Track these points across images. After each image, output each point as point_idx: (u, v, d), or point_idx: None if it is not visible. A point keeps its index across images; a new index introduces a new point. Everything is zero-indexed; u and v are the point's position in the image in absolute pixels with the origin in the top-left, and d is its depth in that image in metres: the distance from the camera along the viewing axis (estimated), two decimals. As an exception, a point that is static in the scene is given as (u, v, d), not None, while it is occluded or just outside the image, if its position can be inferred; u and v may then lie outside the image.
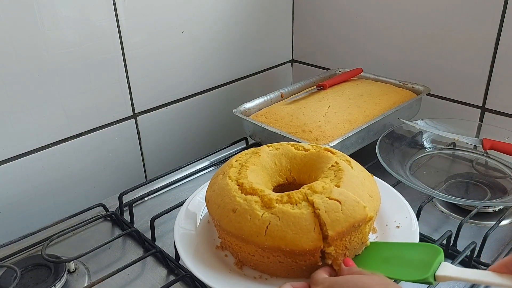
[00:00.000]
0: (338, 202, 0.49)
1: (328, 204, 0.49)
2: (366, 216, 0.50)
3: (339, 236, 0.49)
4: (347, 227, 0.49)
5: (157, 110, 0.91)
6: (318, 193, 0.50)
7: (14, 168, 0.74)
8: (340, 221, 0.49)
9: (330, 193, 0.50)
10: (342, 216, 0.49)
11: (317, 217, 0.49)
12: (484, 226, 0.68)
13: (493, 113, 0.87)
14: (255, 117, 0.84)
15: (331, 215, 0.48)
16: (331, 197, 0.50)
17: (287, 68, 1.16)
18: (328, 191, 0.50)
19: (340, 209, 0.49)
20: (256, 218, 0.50)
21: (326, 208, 0.49)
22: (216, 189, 0.56)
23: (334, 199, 0.50)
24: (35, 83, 0.72)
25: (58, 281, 0.58)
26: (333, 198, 0.50)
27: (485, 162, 0.82)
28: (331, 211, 0.49)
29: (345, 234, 0.49)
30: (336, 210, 0.49)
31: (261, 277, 0.53)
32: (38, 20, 0.70)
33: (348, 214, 0.49)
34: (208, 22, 0.93)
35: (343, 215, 0.49)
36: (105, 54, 0.79)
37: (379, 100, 0.85)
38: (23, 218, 0.78)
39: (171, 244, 0.65)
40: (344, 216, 0.49)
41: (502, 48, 0.82)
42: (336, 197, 0.50)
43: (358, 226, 0.50)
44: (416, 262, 0.48)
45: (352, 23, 1.02)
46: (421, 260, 0.48)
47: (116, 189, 0.87)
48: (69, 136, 0.80)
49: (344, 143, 0.74)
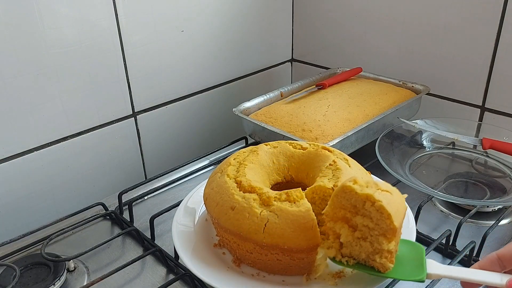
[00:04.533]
0: (390, 193, 0.46)
1: (385, 195, 0.45)
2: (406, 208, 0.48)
3: (399, 229, 0.46)
4: (403, 219, 0.46)
5: (156, 109, 0.91)
6: (361, 185, 0.47)
7: (14, 167, 0.74)
8: (399, 212, 0.46)
9: (378, 185, 0.46)
10: (397, 207, 0.46)
11: (379, 210, 0.45)
12: (483, 225, 0.68)
13: (493, 112, 0.87)
14: (255, 116, 0.84)
15: (392, 207, 0.45)
16: (382, 188, 0.46)
17: (286, 67, 1.16)
18: (371, 183, 0.47)
19: (394, 200, 0.46)
20: (255, 215, 0.50)
21: (386, 200, 0.45)
22: (215, 187, 0.56)
23: (385, 190, 0.46)
24: (35, 82, 0.73)
25: (58, 280, 0.58)
26: (384, 190, 0.46)
27: (485, 161, 0.82)
28: (391, 203, 0.45)
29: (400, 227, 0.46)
30: (392, 202, 0.45)
31: (259, 275, 0.53)
32: (38, 19, 0.70)
33: (401, 205, 0.46)
34: (207, 21, 0.93)
35: (398, 206, 0.46)
36: (105, 53, 0.79)
37: (378, 99, 0.85)
38: (23, 216, 0.78)
39: (170, 243, 0.65)
40: (398, 206, 0.46)
41: (502, 47, 0.82)
42: (386, 188, 0.46)
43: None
44: (406, 260, 0.48)
45: (352, 22, 1.02)
46: (410, 258, 0.48)
47: (116, 188, 0.87)
48: (69, 135, 0.80)
49: (343, 142, 0.74)
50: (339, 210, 0.48)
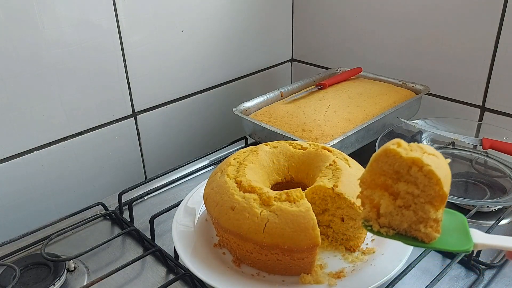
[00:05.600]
0: (436, 157, 0.42)
1: (432, 159, 0.41)
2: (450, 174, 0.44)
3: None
4: (449, 185, 0.42)
5: (156, 109, 0.91)
6: (405, 148, 0.43)
7: (14, 167, 0.74)
8: (447, 177, 0.42)
9: (422, 148, 0.42)
10: (445, 172, 0.41)
11: (427, 175, 0.40)
12: (483, 225, 0.68)
13: (493, 112, 0.87)
14: (255, 116, 0.84)
15: (440, 172, 0.40)
16: (429, 152, 0.42)
17: (287, 67, 1.16)
18: (415, 146, 0.43)
19: (441, 165, 0.42)
20: (255, 215, 0.50)
21: (434, 164, 0.41)
22: (215, 187, 0.56)
23: (432, 154, 0.42)
24: (35, 82, 0.73)
25: (58, 280, 0.58)
26: (431, 153, 0.42)
27: (485, 161, 0.82)
28: (439, 167, 0.41)
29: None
30: (440, 166, 0.41)
31: (259, 275, 0.53)
32: (38, 19, 0.70)
33: (448, 170, 0.42)
34: (207, 21, 0.93)
35: (446, 171, 0.42)
36: (105, 53, 0.79)
37: (378, 99, 0.85)
38: (23, 216, 0.78)
39: (170, 243, 0.65)
40: (445, 171, 0.42)
41: (501, 47, 0.82)
42: (433, 152, 0.42)
43: None
44: (449, 230, 0.44)
45: (352, 23, 1.02)
46: (452, 228, 0.44)
47: (116, 188, 0.87)
48: (69, 135, 0.80)
49: (343, 142, 0.74)
50: (378, 177, 0.43)
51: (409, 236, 0.44)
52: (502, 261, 0.60)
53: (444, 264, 0.60)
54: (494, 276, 0.59)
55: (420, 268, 0.59)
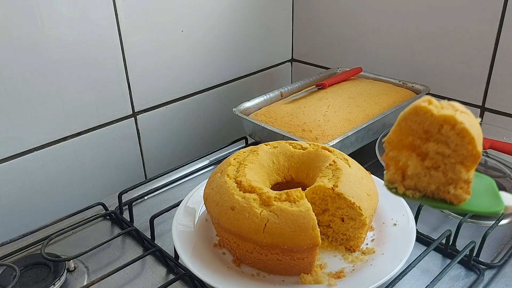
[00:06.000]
0: (468, 116, 0.40)
1: (465, 117, 0.39)
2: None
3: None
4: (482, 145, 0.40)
5: (156, 109, 0.91)
6: (436, 105, 0.41)
7: (14, 167, 0.74)
8: (480, 136, 0.39)
9: (454, 106, 0.40)
10: (478, 131, 0.39)
11: (460, 133, 0.38)
12: (483, 225, 0.68)
13: (493, 112, 0.87)
14: (255, 116, 0.84)
15: (473, 130, 0.38)
16: (461, 110, 0.40)
17: (287, 67, 1.16)
18: (445, 103, 0.41)
19: (474, 123, 0.39)
20: (255, 215, 0.50)
21: (467, 122, 0.38)
22: (215, 187, 0.56)
23: (464, 112, 0.40)
24: (35, 82, 0.73)
25: (58, 280, 0.58)
26: (463, 111, 0.40)
27: (485, 161, 0.82)
28: (472, 126, 0.38)
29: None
30: (473, 124, 0.39)
31: (259, 275, 0.53)
32: (38, 19, 0.70)
33: (480, 129, 0.40)
34: (207, 21, 0.93)
35: (478, 130, 0.39)
36: (105, 53, 0.79)
37: (378, 99, 0.85)
38: (23, 216, 0.78)
39: (170, 243, 0.65)
40: (478, 130, 0.39)
41: (501, 47, 0.82)
42: (465, 110, 0.40)
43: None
44: (478, 192, 0.42)
45: (352, 23, 1.02)
46: (481, 190, 0.43)
47: (116, 188, 0.87)
48: (69, 135, 0.80)
49: (343, 142, 0.74)
50: (406, 137, 0.41)
51: (436, 198, 0.42)
52: (502, 261, 0.60)
53: (444, 264, 0.60)
54: (494, 276, 0.59)
55: (420, 268, 0.59)
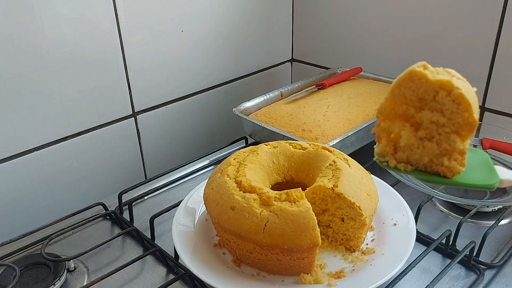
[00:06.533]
0: (464, 82, 0.38)
1: (461, 83, 0.37)
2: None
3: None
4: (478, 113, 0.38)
5: (156, 109, 0.91)
6: (432, 71, 0.39)
7: (14, 166, 0.74)
8: (476, 104, 0.37)
9: (449, 72, 0.38)
10: (474, 98, 0.37)
11: (456, 100, 0.36)
12: (483, 225, 0.68)
13: (493, 112, 0.87)
14: (255, 116, 0.84)
15: (470, 97, 0.36)
16: (457, 76, 0.38)
17: (286, 67, 1.16)
18: (441, 69, 0.39)
19: (470, 90, 0.37)
20: (255, 215, 0.50)
21: (464, 88, 0.36)
22: (215, 187, 0.56)
23: (460, 78, 0.38)
24: (35, 82, 0.73)
25: (58, 280, 0.58)
26: (459, 78, 0.38)
27: (485, 161, 0.82)
28: (469, 92, 0.36)
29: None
30: (469, 91, 0.37)
31: (259, 275, 0.53)
32: (38, 19, 0.70)
33: (475, 96, 0.38)
34: (207, 21, 0.93)
35: (475, 97, 0.37)
36: (105, 53, 0.79)
37: (378, 99, 0.85)
38: (23, 216, 0.78)
39: (170, 243, 0.65)
40: (474, 97, 0.37)
41: (502, 47, 0.82)
42: (461, 77, 0.39)
43: None
44: (472, 165, 0.41)
45: (352, 22, 1.02)
46: (475, 164, 0.42)
47: (116, 188, 0.87)
48: (69, 135, 0.80)
49: (343, 142, 0.74)
50: (399, 105, 0.39)
51: (429, 171, 0.41)
52: (502, 261, 0.60)
53: (444, 264, 0.60)
54: (494, 276, 0.59)
55: (420, 268, 0.59)
